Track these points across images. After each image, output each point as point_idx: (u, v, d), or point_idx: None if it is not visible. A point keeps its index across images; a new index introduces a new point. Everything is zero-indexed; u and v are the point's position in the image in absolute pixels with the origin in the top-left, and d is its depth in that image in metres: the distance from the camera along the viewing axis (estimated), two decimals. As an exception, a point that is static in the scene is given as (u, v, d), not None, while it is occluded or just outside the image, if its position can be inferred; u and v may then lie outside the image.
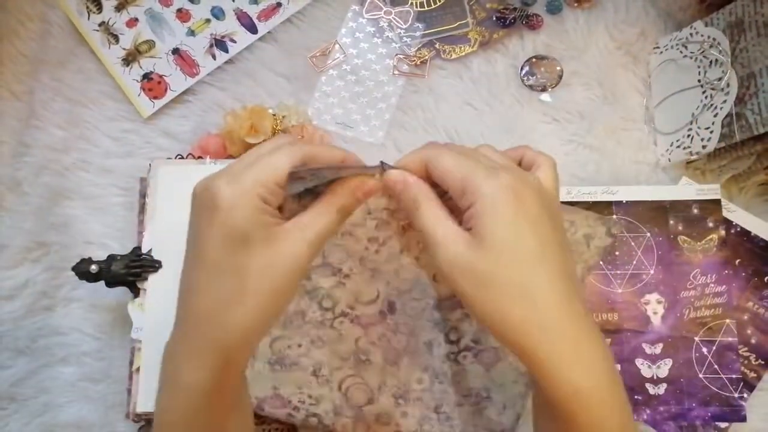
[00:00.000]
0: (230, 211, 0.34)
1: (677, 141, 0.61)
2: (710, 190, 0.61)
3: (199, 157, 0.61)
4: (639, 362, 0.58)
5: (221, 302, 0.35)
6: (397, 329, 0.52)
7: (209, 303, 0.35)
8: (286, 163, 0.35)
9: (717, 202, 0.60)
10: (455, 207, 0.38)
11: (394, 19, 0.66)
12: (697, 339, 0.58)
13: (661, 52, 0.64)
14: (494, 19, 0.66)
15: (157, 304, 0.56)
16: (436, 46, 0.66)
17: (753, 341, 0.59)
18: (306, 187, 0.38)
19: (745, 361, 0.59)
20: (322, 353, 0.53)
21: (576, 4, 0.67)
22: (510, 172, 0.37)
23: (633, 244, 0.60)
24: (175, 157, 0.62)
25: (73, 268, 0.56)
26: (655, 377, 0.58)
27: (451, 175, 0.37)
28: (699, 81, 0.59)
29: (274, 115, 0.62)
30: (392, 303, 0.52)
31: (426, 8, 0.67)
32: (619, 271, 0.60)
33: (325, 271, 0.51)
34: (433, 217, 0.37)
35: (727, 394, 0.57)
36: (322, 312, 0.52)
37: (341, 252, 0.50)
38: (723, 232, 0.60)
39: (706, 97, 0.58)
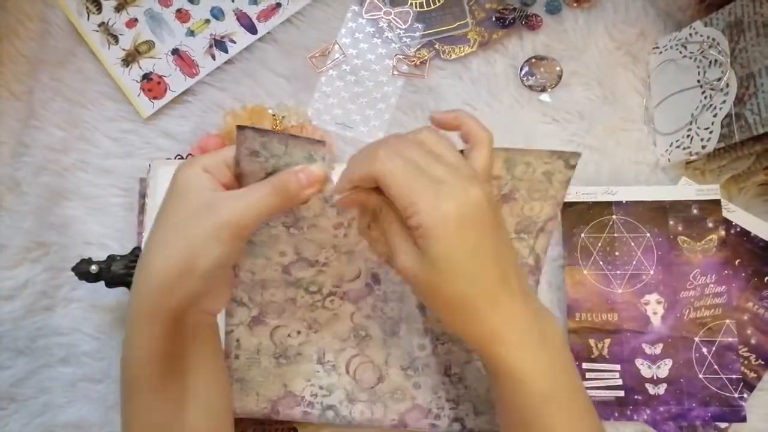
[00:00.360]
0: (176, 174, 0.41)
1: (677, 141, 0.61)
2: (710, 191, 0.61)
3: (199, 158, 0.61)
4: (639, 362, 0.58)
5: (152, 248, 0.39)
6: (387, 297, 0.53)
7: (146, 252, 0.40)
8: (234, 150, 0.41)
9: (717, 202, 0.60)
10: None
11: (394, 19, 0.66)
12: (697, 339, 0.58)
13: (661, 53, 0.65)
14: (493, 19, 0.66)
15: (156, 304, 0.55)
16: (436, 46, 0.66)
17: (753, 341, 0.59)
18: (265, 170, 0.41)
19: (745, 362, 0.59)
20: (321, 337, 0.53)
21: (575, 4, 0.67)
22: (451, 193, 0.38)
23: (633, 244, 0.60)
24: (175, 158, 0.62)
25: (73, 269, 0.56)
26: (655, 377, 0.58)
27: (397, 200, 0.39)
28: (698, 81, 0.59)
29: (273, 115, 0.62)
30: (375, 274, 0.53)
31: (425, 9, 0.67)
32: (618, 272, 0.60)
33: (302, 264, 0.51)
34: (391, 226, 0.41)
35: (727, 395, 0.57)
36: (310, 296, 0.53)
37: (314, 246, 0.50)
38: (723, 233, 0.60)
39: (705, 98, 0.58)
